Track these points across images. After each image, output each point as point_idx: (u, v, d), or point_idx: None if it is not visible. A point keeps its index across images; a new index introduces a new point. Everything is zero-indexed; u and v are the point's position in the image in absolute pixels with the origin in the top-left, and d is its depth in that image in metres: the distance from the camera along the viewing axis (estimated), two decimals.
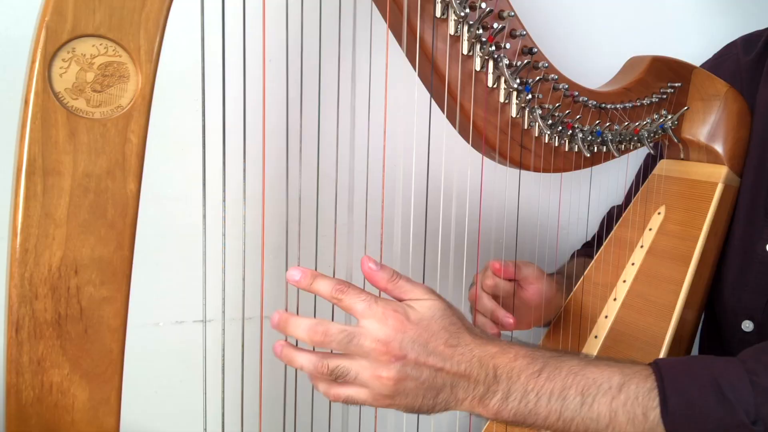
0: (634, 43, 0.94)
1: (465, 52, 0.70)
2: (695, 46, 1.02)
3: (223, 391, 0.59)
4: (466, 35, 0.69)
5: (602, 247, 0.95)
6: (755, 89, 0.91)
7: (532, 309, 0.87)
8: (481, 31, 0.69)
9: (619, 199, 1.08)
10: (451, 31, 0.68)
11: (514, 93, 0.73)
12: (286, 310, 0.63)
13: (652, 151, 0.89)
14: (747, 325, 0.85)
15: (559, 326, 0.91)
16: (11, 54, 0.77)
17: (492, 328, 0.84)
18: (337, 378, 0.58)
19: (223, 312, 0.59)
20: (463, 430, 0.91)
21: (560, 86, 0.76)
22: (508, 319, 0.81)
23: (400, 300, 0.61)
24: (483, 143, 0.73)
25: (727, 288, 0.88)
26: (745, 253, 0.86)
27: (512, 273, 0.86)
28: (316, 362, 0.59)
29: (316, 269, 0.66)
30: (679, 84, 0.88)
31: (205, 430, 0.61)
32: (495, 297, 0.85)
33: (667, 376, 0.59)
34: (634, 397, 0.59)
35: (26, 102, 0.47)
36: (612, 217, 1.02)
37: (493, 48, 0.70)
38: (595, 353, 0.86)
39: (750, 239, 0.86)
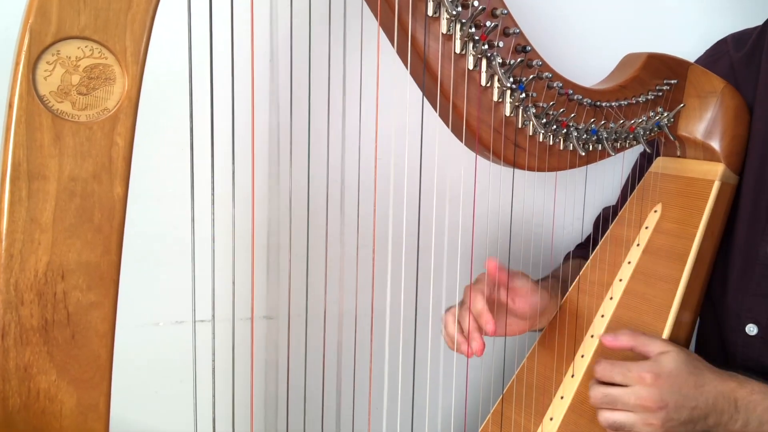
0: (629, 41, 0.93)
1: (458, 50, 0.69)
2: (692, 44, 1.02)
3: (213, 392, 0.59)
4: (458, 34, 0.68)
5: (598, 246, 0.95)
6: (751, 87, 0.90)
7: (525, 319, 0.87)
8: (473, 29, 0.68)
9: (614, 198, 1.07)
10: (444, 29, 0.68)
11: (508, 91, 0.72)
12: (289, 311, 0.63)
13: (647, 149, 0.88)
14: (751, 329, 0.85)
15: (555, 326, 0.91)
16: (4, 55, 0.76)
17: (474, 339, 0.81)
18: (618, 429, 0.73)
19: (213, 314, 0.58)
20: (458, 429, 0.91)
21: (554, 84, 0.75)
22: (488, 325, 0.80)
23: (647, 355, 0.75)
24: (476, 142, 0.73)
25: (729, 291, 0.88)
26: (748, 255, 0.86)
27: (504, 280, 0.84)
28: (602, 413, 0.75)
29: (307, 268, 0.65)
30: (675, 81, 0.87)
31: (197, 429, 0.60)
32: (491, 300, 0.84)
33: None
34: None
35: (10, 105, 0.47)
36: (606, 218, 1.02)
37: (486, 46, 0.69)
38: (591, 353, 0.86)
39: (752, 242, 0.85)
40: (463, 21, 0.67)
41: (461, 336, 0.83)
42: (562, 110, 0.76)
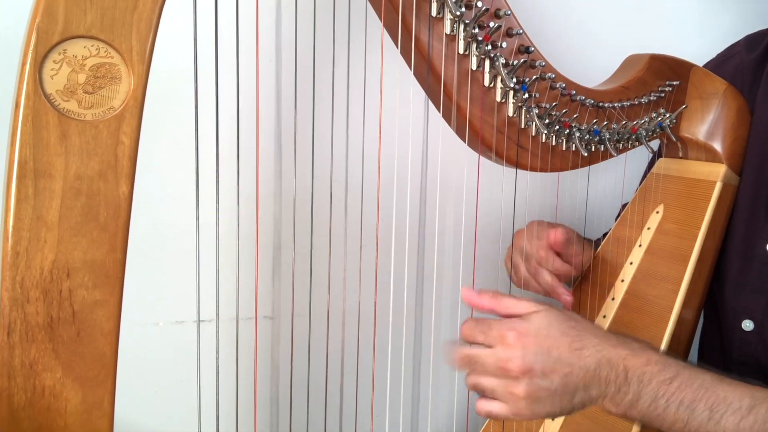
0: (632, 42, 0.93)
1: (461, 51, 0.69)
2: (695, 45, 1.02)
3: (217, 392, 0.59)
4: (462, 34, 0.68)
5: (600, 246, 0.95)
6: (757, 88, 0.90)
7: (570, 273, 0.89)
8: (477, 30, 0.68)
9: (617, 199, 1.07)
10: (447, 30, 0.68)
11: (511, 92, 0.73)
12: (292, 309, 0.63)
13: (649, 150, 0.88)
14: (747, 325, 0.85)
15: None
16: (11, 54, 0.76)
17: (564, 292, 0.85)
18: (481, 393, 0.63)
19: (217, 313, 0.59)
20: (460, 429, 0.91)
21: (557, 85, 0.75)
22: (567, 297, 0.83)
23: (509, 317, 0.64)
24: (479, 143, 0.73)
25: (727, 288, 0.88)
26: (746, 252, 0.86)
27: (561, 246, 0.87)
28: (467, 377, 0.64)
29: (311, 268, 0.66)
30: (678, 82, 0.87)
31: (200, 429, 0.61)
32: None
33: None
34: (762, 422, 0.60)
35: (17, 104, 0.47)
36: None
37: (490, 47, 0.70)
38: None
39: (750, 239, 0.85)
40: (467, 22, 0.68)
41: (555, 280, 0.85)
42: (564, 111, 0.76)
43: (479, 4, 0.67)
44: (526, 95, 0.73)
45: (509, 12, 0.69)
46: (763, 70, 0.90)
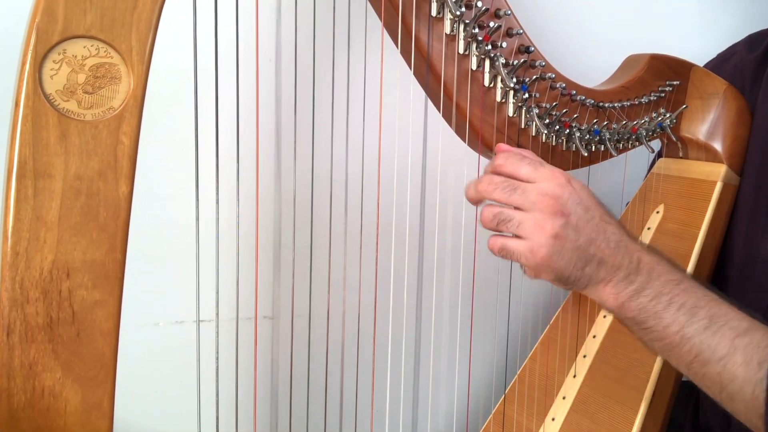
0: (632, 42, 0.93)
1: (461, 51, 0.69)
2: (696, 45, 1.02)
3: (217, 392, 0.59)
4: (462, 34, 0.68)
5: None
6: (758, 88, 0.90)
7: None
8: (477, 30, 0.68)
9: (617, 199, 1.07)
10: (447, 30, 0.68)
11: (511, 92, 0.73)
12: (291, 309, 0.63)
13: (649, 150, 0.88)
14: None
15: (557, 326, 0.91)
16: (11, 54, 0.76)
17: None
18: (499, 223, 0.58)
19: (217, 313, 0.59)
20: (460, 429, 0.91)
21: (557, 85, 0.75)
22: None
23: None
24: (479, 142, 0.73)
25: (730, 287, 0.88)
26: (748, 252, 0.86)
27: None
28: (489, 187, 0.59)
29: (311, 268, 0.65)
30: (678, 82, 0.87)
31: (200, 430, 0.61)
32: None
33: None
34: (756, 344, 0.58)
35: (17, 104, 0.47)
36: None
37: (490, 47, 0.70)
38: (593, 353, 0.86)
39: (752, 239, 0.85)
40: (467, 21, 0.67)
41: None
42: (564, 111, 0.76)
43: (479, 4, 0.67)
44: (526, 95, 0.73)
45: (509, 12, 0.69)
46: (764, 70, 0.90)
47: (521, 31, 0.71)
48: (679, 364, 0.61)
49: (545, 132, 0.76)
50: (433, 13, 0.67)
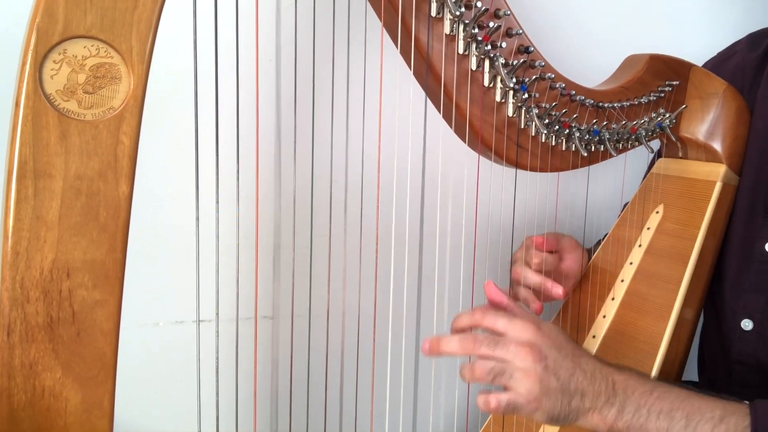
0: (632, 42, 0.93)
1: (461, 51, 0.69)
2: (696, 45, 1.02)
3: (217, 392, 0.59)
4: (461, 34, 0.68)
5: (600, 247, 0.95)
6: (758, 87, 0.90)
7: (570, 278, 0.91)
8: (476, 30, 0.68)
9: (617, 199, 1.07)
10: (447, 30, 0.68)
11: (511, 92, 0.73)
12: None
13: (649, 150, 0.88)
14: (746, 324, 0.85)
15: (558, 325, 0.91)
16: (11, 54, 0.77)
17: (534, 301, 0.86)
18: (495, 377, 0.64)
19: (217, 313, 0.59)
20: (460, 429, 0.91)
21: (557, 85, 0.75)
22: (558, 289, 0.85)
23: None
24: (479, 143, 0.73)
25: (726, 287, 0.88)
26: (745, 252, 0.86)
27: (554, 245, 0.89)
28: (477, 362, 0.65)
29: (311, 268, 0.65)
30: (677, 82, 0.87)
31: (200, 430, 0.61)
32: (539, 272, 0.87)
33: (761, 416, 0.64)
34: (734, 430, 0.64)
35: (17, 104, 0.47)
36: None
37: (489, 47, 0.70)
38: (593, 352, 0.86)
39: (750, 238, 0.86)
40: (467, 22, 0.68)
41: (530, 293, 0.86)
42: (564, 111, 0.76)
43: (479, 4, 0.67)
44: (526, 95, 0.73)
45: (509, 12, 0.69)
46: (765, 69, 0.90)
47: (521, 31, 0.71)
48: None
49: (545, 132, 0.76)
50: (433, 13, 0.67)
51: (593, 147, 0.81)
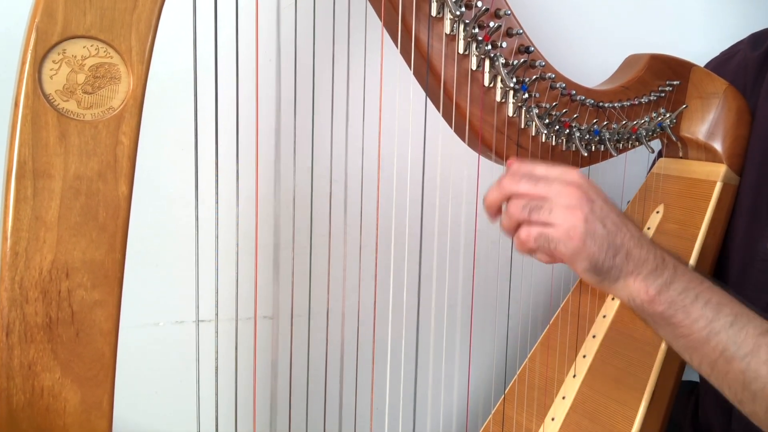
0: (632, 41, 0.93)
1: (461, 51, 0.69)
2: (696, 45, 1.02)
3: (216, 392, 0.59)
4: (462, 34, 0.68)
5: None
6: (759, 86, 0.90)
7: None
8: (477, 30, 0.68)
9: (617, 199, 1.07)
10: (447, 30, 0.68)
11: (511, 92, 0.73)
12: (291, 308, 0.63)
13: (649, 150, 0.88)
14: None
15: (557, 325, 0.91)
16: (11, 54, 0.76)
17: None
18: (531, 211, 0.59)
19: (216, 313, 0.59)
20: (460, 429, 0.91)
21: (557, 85, 0.75)
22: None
23: None
24: (479, 142, 0.73)
25: (729, 286, 0.88)
26: (747, 251, 0.86)
27: None
28: (512, 185, 0.61)
29: (310, 268, 0.65)
30: (678, 82, 0.87)
31: (199, 430, 0.61)
32: None
33: None
34: None
35: (16, 104, 0.47)
36: None
37: (490, 47, 0.70)
38: (593, 353, 0.86)
39: (752, 237, 0.85)
40: (467, 21, 0.67)
41: None
42: (564, 111, 0.76)
43: (479, 3, 0.67)
44: (526, 95, 0.73)
45: (509, 12, 0.69)
46: (766, 69, 0.90)
47: (521, 31, 0.71)
48: (702, 361, 0.61)
49: (545, 132, 0.76)
50: (433, 12, 0.67)
51: (593, 147, 0.81)
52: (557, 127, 0.77)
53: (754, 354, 0.58)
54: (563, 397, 0.84)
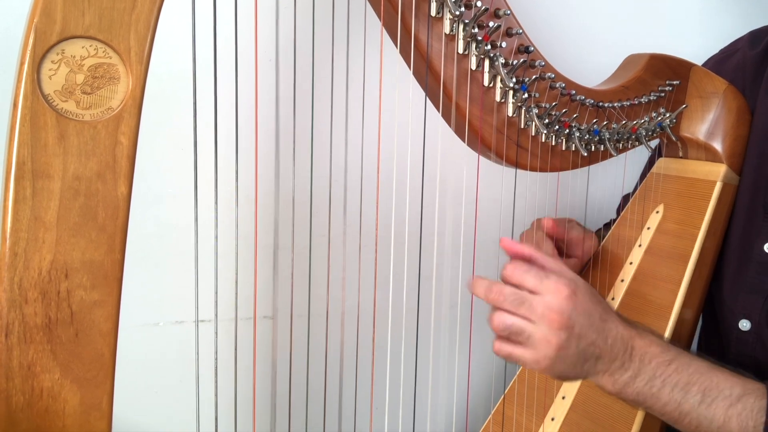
0: (632, 42, 0.93)
1: (460, 51, 0.69)
2: (696, 45, 1.02)
3: (216, 392, 0.59)
4: (461, 34, 0.68)
5: (600, 246, 0.95)
6: (758, 85, 0.90)
7: (578, 261, 0.91)
8: (476, 29, 0.68)
9: (617, 199, 1.07)
10: (447, 29, 0.68)
11: (511, 92, 0.73)
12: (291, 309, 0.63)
13: (649, 150, 0.88)
14: (744, 325, 0.85)
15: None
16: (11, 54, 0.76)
17: None
18: (510, 335, 0.62)
19: (216, 314, 0.58)
20: (459, 429, 0.91)
21: (557, 85, 0.75)
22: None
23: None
24: (479, 142, 0.73)
25: (725, 287, 0.88)
26: (744, 252, 0.86)
27: (562, 233, 0.88)
28: (498, 313, 0.63)
29: (310, 268, 0.65)
30: (678, 82, 0.87)
31: (199, 430, 0.61)
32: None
33: None
34: (750, 410, 0.63)
35: (15, 104, 0.47)
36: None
37: (489, 47, 0.69)
38: None
39: (749, 238, 0.85)
40: (466, 21, 0.67)
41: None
42: (564, 111, 0.76)
43: (479, 3, 0.67)
44: (526, 95, 0.73)
45: (509, 12, 0.69)
46: (765, 68, 0.90)
47: (521, 30, 0.71)
48: (682, 430, 0.66)
49: (545, 132, 0.76)
50: (433, 12, 0.67)
51: (593, 147, 0.81)
52: (557, 126, 0.77)
53: (726, 426, 0.63)
54: (563, 397, 0.84)
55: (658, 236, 0.90)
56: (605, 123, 0.81)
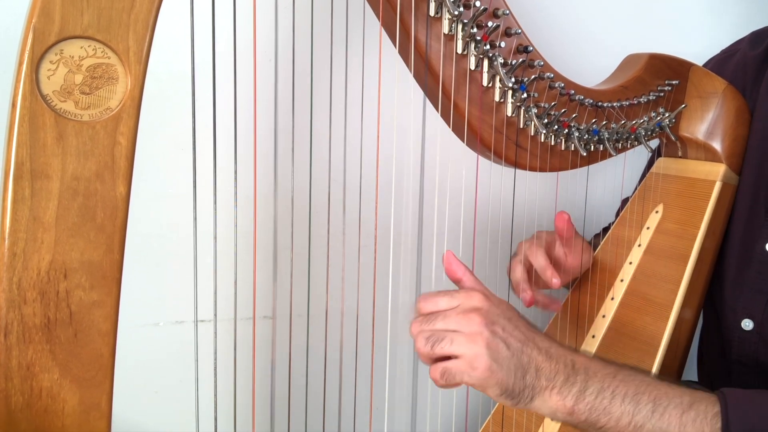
0: (631, 41, 0.93)
1: (459, 51, 0.69)
2: (696, 45, 1.02)
3: (215, 392, 0.59)
4: (460, 34, 0.68)
5: (600, 246, 0.95)
6: (759, 86, 0.90)
7: (568, 274, 0.90)
8: (475, 29, 0.68)
9: (616, 198, 1.07)
10: (445, 29, 0.68)
11: (510, 92, 0.73)
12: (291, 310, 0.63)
13: (648, 150, 0.88)
14: (747, 324, 0.85)
15: (557, 325, 0.91)
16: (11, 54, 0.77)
17: (524, 291, 0.84)
18: (433, 345, 0.58)
19: (215, 313, 0.59)
20: (459, 429, 0.91)
21: (556, 85, 0.75)
22: (556, 279, 0.83)
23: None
24: (478, 142, 0.73)
25: (726, 287, 0.88)
26: (745, 251, 0.86)
27: (571, 234, 0.87)
28: (417, 327, 0.60)
29: (309, 268, 0.65)
30: (677, 81, 0.87)
31: (198, 430, 0.61)
32: (549, 255, 0.86)
33: (731, 403, 0.61)
34: (703, 416, 0.61)
35: (14, 104, 0.47)
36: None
37: (488, 47, 0.69)
38: (593, 352, 0.86)
39: (750, 238, 0.85)
40: (465, 21, 0.67)
41: (526, 284, 0.84)
42: (563, 110, 0.76)
43: (477, 3, 0.67)
44: (525, 95, 0.73)
45: (507, 12, 0.69)
46: (765, 68, 0.90)
47: (519, 30, 0.71)
48: None
49: (544, 132, 0.76)
50: (432, 12, 0.67)
51: (593, 147, 0.81)
52: (556, 126, 0.77)
53: None
54: None
55: (657, 236, 0.90)
56: (604, 123, 0.81)
